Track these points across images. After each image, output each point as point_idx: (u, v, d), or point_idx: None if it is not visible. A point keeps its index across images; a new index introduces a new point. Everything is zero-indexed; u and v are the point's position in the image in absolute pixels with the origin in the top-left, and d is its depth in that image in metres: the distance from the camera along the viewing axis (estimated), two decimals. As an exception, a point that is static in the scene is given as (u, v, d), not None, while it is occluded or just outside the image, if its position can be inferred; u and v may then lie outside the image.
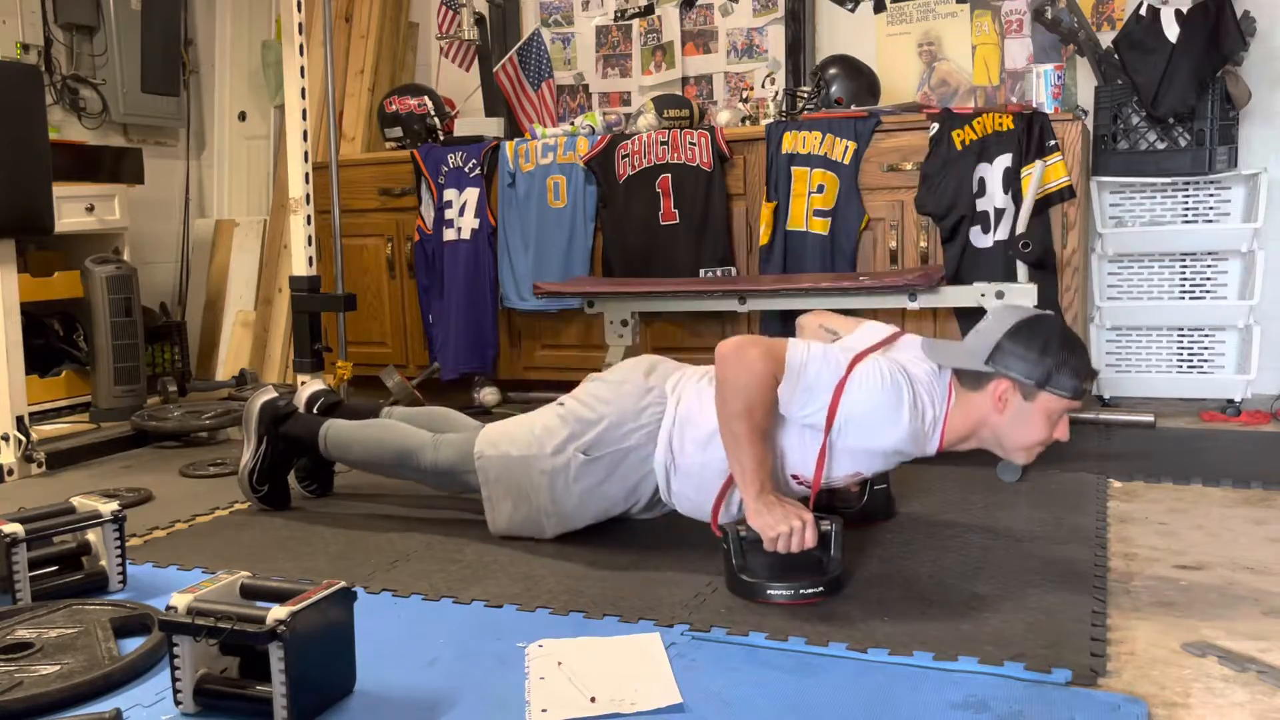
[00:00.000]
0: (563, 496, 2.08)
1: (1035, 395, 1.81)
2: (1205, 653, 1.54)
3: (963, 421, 1.88)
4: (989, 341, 1.83)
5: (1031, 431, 1.84)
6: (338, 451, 2.36)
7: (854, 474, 1.96)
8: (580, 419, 2.08)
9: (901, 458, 1.94)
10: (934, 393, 1.87)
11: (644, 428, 2.04)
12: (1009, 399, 1.83)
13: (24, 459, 2.89)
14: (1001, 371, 1.81)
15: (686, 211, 3.43)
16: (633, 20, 4.22)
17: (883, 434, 1.84)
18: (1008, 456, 1.93)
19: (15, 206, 2.78)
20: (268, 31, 4.75)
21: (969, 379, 1.86)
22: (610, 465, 2.05)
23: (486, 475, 2.15)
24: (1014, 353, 1.81)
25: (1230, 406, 3.26)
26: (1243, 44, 3.20)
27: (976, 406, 1.86)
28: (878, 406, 1.82)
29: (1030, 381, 1.80)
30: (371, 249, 3.95)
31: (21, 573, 1.81)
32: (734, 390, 1.82)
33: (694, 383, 2.06)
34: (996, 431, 1.87)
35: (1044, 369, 1.79)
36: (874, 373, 1.83)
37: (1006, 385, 1.82)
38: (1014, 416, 1.84)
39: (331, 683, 1.46)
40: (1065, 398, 1.81)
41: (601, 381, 2.15)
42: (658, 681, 1.48)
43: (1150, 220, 3.40)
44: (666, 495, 2.07)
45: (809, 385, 1.82)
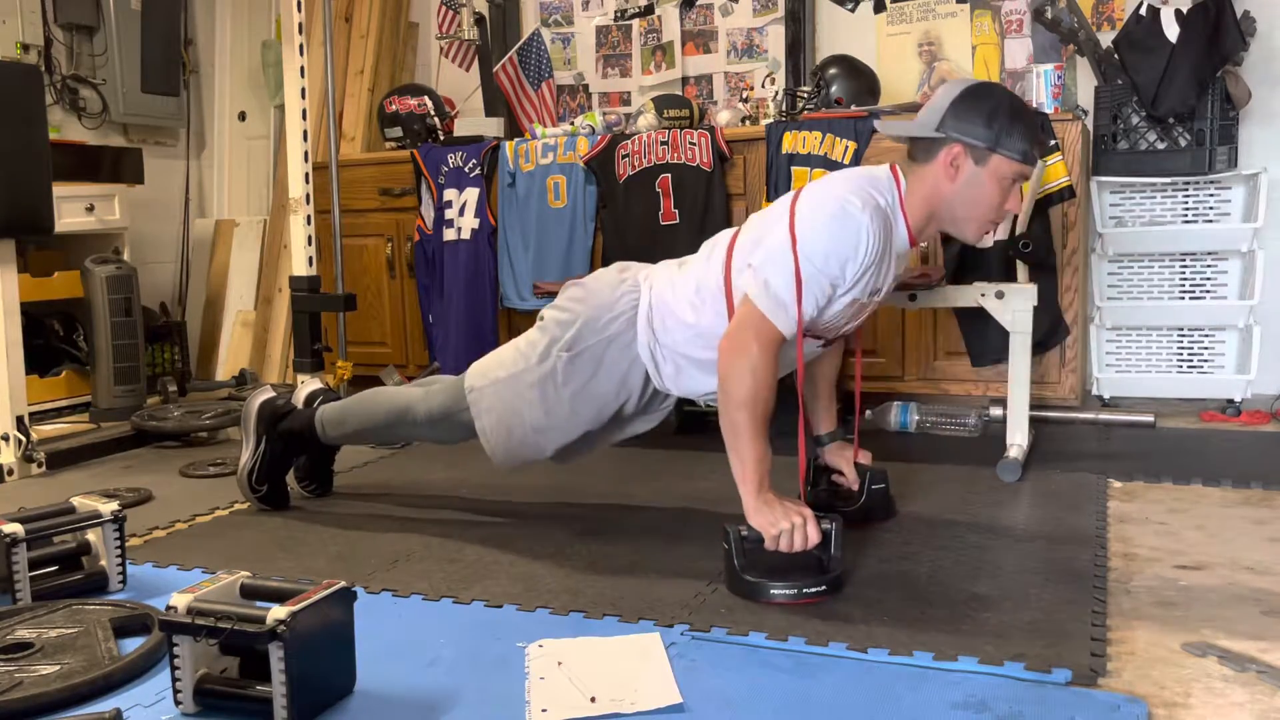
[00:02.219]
0: (554, 404, 2.06)
1: (986, 159, 1.85)
2: (1205, 653, 1.54)
3: (919, 198, 1.91)
4: (939, 109, 1.87)
5: (984, 198, 1.88)
6: (334, 429, 2.36)
7: (854, 303, 1.94)
8: (559, 322, 2.08)
9: (896, 268, 1.96)
10: (877, 186, 1.90)
11: (622, 315, 2.04)
12: (960, 164, 1.86)
13: (24, 459, 2.89)
14: (951, 136, 1.85)
15: (687, 211, 3.43)
16: (633, 20, 4.22)
17: (858, 247, 1.83)
18: (962, 233, 1.96)
19: (15, 206, 2.78)
20: (268, 31, 4.75)
21: (920, 151, 1.90)
22: (594, 358, 2.04)
23: (479, 407, 2.13)
24: (963, 117, 1.85)
25: (1230, 406, 3.26)
26: (1243, 44, 3.20)
27: (929, 178, 1.89)
28: (834, 234, 1.82)
29: (980, 144, 1.84)
30: (371, 249, 3.95)
31: (21, 573, 1.81)
32: (736, 378, 1.82)
33: (664, 270, 2.09)
34: (950, 203, 1.90)
35: (993, 131, 1.83)
36: (810, 213, 1.85)
37: (958, 150, 1.86)
38: (966, 183, 1.87)
39: (331, 683, 1.46)
40: (1016, 161, 1.85)
41: (574, 284, 2.16)
42: (658, 681, 1.48)
43: (1150, 220, 3.40)
44: (658, 379, 2.07)
45: (779, 291, 1.83)
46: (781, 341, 1.85)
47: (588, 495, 2.54)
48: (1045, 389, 3.20)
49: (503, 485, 2.57)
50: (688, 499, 2.46)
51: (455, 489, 2.62)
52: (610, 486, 2.61)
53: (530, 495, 2.52)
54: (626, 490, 2.57)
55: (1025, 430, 2.65)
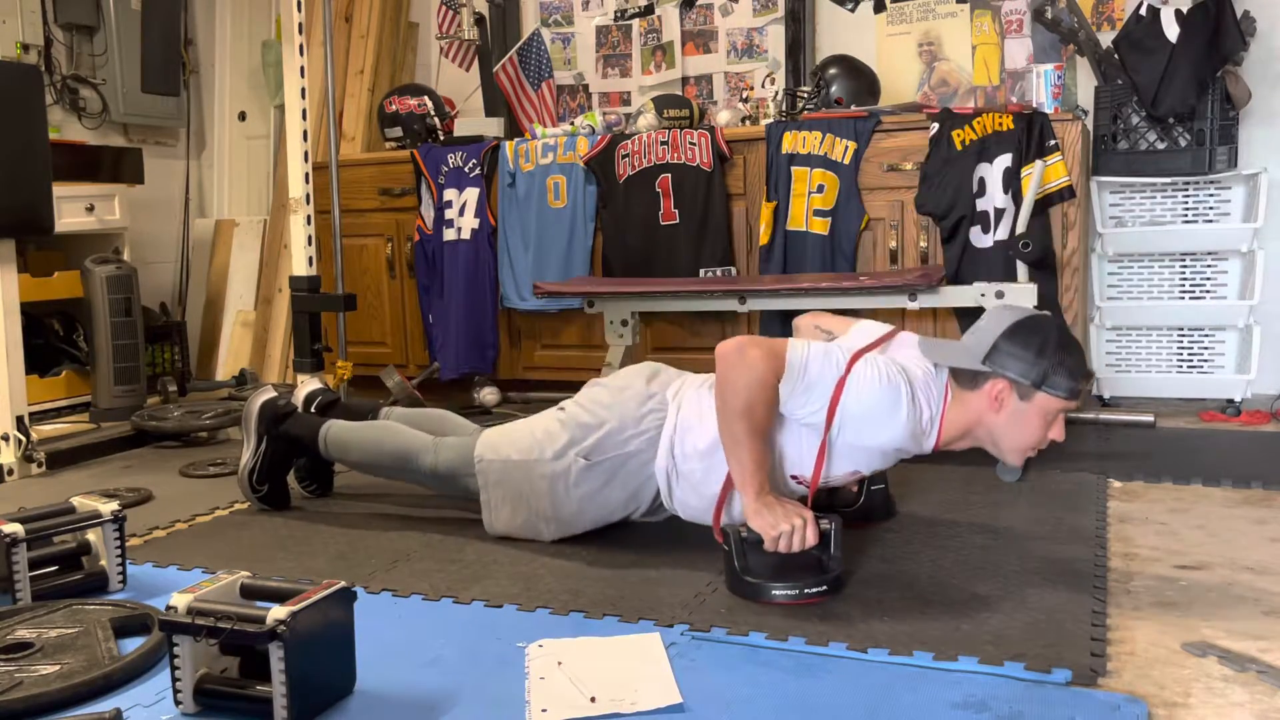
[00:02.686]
0: (562, 502, 2.08)
1: (1031, 395, 1.81)
2: (1205, 653, 1.54)
3: (959, 420, 1.88)
4: (986, 341, 1.84)
5: (1027, 432, 1.85)
6: (337, 452, 2.36)
7: (853, 472, 1.97)
8: (581, 424, 2.08)
9: (900, 455, 1.94)
10: (930, 391, 1.87)
11: (645, 434, 2.04)
12: (1005, 399, 1.83)
13: (24, 459, 2.89)
14: (998, 371, 1.82)
15: (686, 211, 3.43)
16: (633, 20, 4.22)
17: (882, 432, 1.84)
18: (1003, 457, 1.93)
19: (15, 206, 2.79)
20: (268, 31, 4.75)
21: (965, 378, 1.87)
22: (610, 471, 2.05)
23: (486, 479, 2.14)
24: (1010, 353, 1.81)
25: (1230, 406, 3.26)
26: (1243, 44, 3.20)
27: (973, 406, 1.86)
28: (877, 404, 1.82)
29: (1026, 382, 1.80)
30: (371, 249, 3.95)
31: (21, 573, 1.81)
32: (734, 389, 1.82)
33: (695, 390, 2.06)
34: (992, 431, 1.87)
35: (1040, 370, 1.80)
36: (873, 371, 1.83)
37: (1003, 385, 1.82)
38: (1010, 416, 1.84)
39: (331, 683, 1.46)
40: (1061, 398, 1.81)
41: (603, 387, 2.15)
42: (658, 681, 1.48)
43: (1150, 220, 3.40)
44: (669, 502, 2.07)
45: (810, 384, 1.82)
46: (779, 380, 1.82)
47: (588, 495, 2.54)
48: (1045, 389, 3.19)
49: (503, 485, 2.56)
50: (688, 499, 2.46)
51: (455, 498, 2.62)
52: (610, 486, 2.60)
53: (530, 495, 2.52)
54: (626, 490, 2.57)
55: (1025, 430, 2.65)
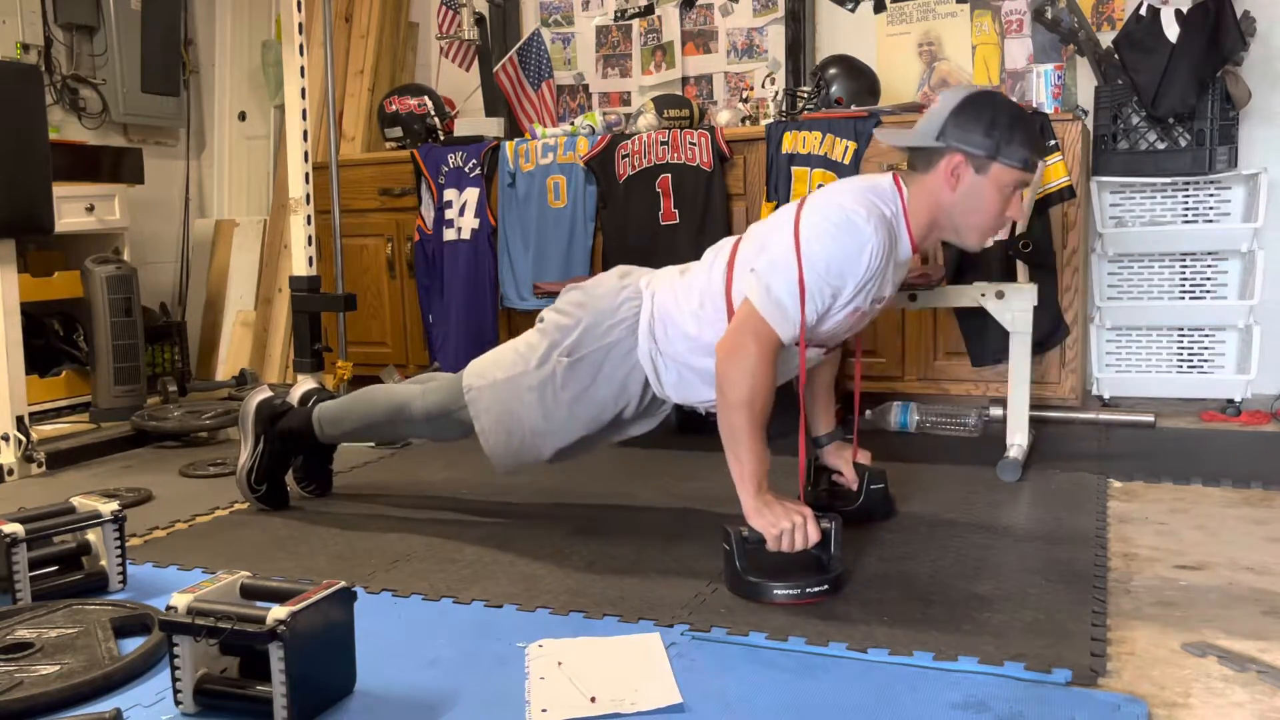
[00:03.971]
0: (553, 408, 2.06)
1: (987, 167, 1.85)
2: (1205, 653, 1.54)
3: (921, 206, 1.92)
4: (938, 119, 1.88)
5: (985, 207, 1.89)
6: (331, 427, 2.36)
7: (854, 311, 1.94)
8: (559, 326, 2.08)
9: (897, 275, 1.97)
10: (880, 195, 1.90)
11: (623, 322, 2.04)
12: (961, 173, 1.87)
13: (24, 459, 2.89)
14: (952, 145, 1.85)
15: (687, 211, 3.43)
16: (633, 20, 4.22)
17: (861, 257, 1.84)
18: (963, 241, 1.97)
19: (15, 206, 2.78)
20: (268, 31, 4.75)
21: (921, 160, 1.90)
22: (594, 365, 2.04)
23: (477, 407, 2.12)
24: (962, 125, 1.85)
25: (1230, 406, 3.26)
26: (1243, 44, 3.20)
27: (930, 188, 1.90)
28: (839, 244, 1.83)
29: (980, 153, 1.84)
30: (371, 249, 3.95)
31: (21, 573, 1.81)
32: (733, 381, 1.82)
33: (667, 279, 2.08)
34: (951, 212, 1.91)
35: (993, 139, 1.84)
36: (814, 215, 1.85)
37: (958, 159, 1.86)
38: (967, 191, 1.88)
39: (331, 683, 1.46)
40: (1016, 168, 1.85)
41: (576, 289, 2.16)
42: (658, 681, 1.48)
43: (1150, 220, 3.40)
44: (659, 388, 2.06)
45: (781, 296, 1.83)
46: (779, 346, 1.85)
47: (588, 495, 2.54)
48: (1045, 389, 3.20)
49: (502, 485, 2.57)
50: (688, 499, 2.46)
51: (455, 489, 2.62)
52: (610, 486, 2.61)
53: (530, 495, 2.52)
54: (626, 490, 2.57)
55: (1025, 430, 2.65)
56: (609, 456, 2.78)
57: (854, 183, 1.98)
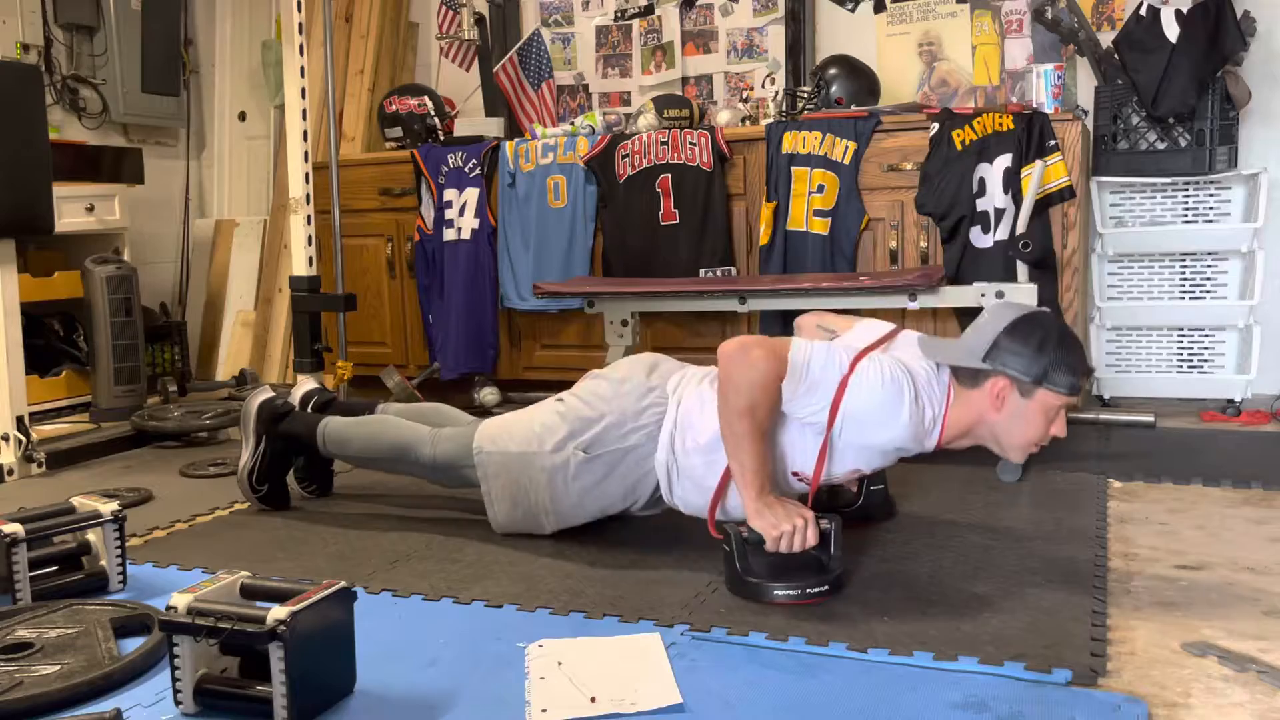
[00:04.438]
0: (561, 494, 2.08)
1: (1032, 393, 1.82)
2: (1205, 653, 1.54)
3: (961, 418, 1.88)
4: (986, 339, 1.84)
5: (1029, 429, 1.85)
6: (336, 448, 2.36)
7: (854, 470, 1.97)
8: (580, 417, 2.07)
9: (901, 454, 1.94)
10: (933, 390, 1.87)
11: (644, 428, 2.03)
12: (1006, 396, 1.83)
13: (24, 459, 2.89)
14: (999, 369, 1.82)
15: (686, 211, 3.43)
16: (633, 20, 4.22)
17: (884, 431, 1.84)
18: (1005, 454, 1.93)
19: (15, 206, 2.78)
20: (268, 31, 4.75)
21: (966, 377, 1.87)
22: (610, 464, 2.05)
23: (485, 471, 2.14)
24: (1011, 350, 1.81)
25: (1230, 406, 3.26)
26: (1243, 44, 3.20)
27: (974, 404, 1.86)
28: (880, 404, 1.82)
29: (1027, 379, 1.80)
30: (371, 249, 3.95)
31: (21, 573, 1.81)
32: (737, 388, 1.82)
33: (695, 384, 2.05)
34: (994, 429, 1.87)
35: (1040, 366, 1.80)
36: (875, 370, 1.83)
37: (1004, 383, 1.82)
38: (1011, 414, 1.84)
39: (331, 683, 1.46)
40: (1062, 394, 1.81)
41: (602, 379, 2.14)
42: (658, 681, 1.48)
43: (1150, 220, 3.40)
44: (669, 496, 2.07)
45: (813, 383, 1.82)
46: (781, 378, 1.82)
47: (588, 495, 2.54)
48: (1045, 389, 3.19)
49: (503, 485, 2.56)
50: (688, 499, 2.46)
51: (455, 489, 2.62)
52: (610, 486, 2.60)
53: (530, 495, 2.52)
54: (626, 490, 2.56)
55: (1025, 430, 2.65)
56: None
57: (918, 361, 1.92)
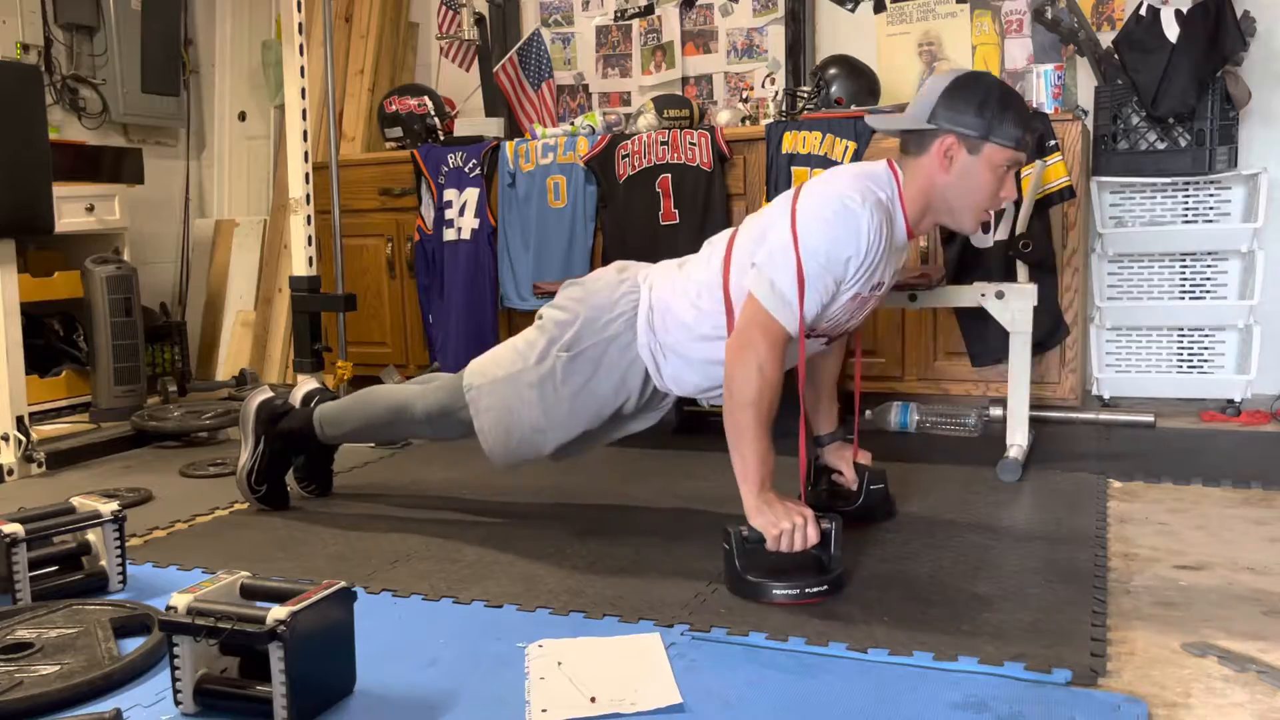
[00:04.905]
0: (553, 404, 2.06)
1: (979, 148, 1.85)
2: (1205, 653, 1.54)
3: (915, 190, 1.92)
4: (929, 101, 1.88)
5: (979, 187, 1.89)
6: (332, 428, 2.36)
7: (855, 297, 1.94)
8: (558, 322, 2.08)
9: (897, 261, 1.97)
10: (875, 180, 1.90)
11: (621, 315, 2.04)
12: (954, 154, 1.87)
13: (24, 459, 2.89)
14: (943, 127, 1.85)
15: (686, 211, 3.43)
16: (633, 20, 4.22)
17: (859, 242, 1.83)
18: (959, 224, 1.96)
19: (15, 206, 2.78)
20: (268, 31, 4.75)
21: (913, 144, 1.91)
22: (594, 359, 2.04)
23: (477, 406, 2.13)
24: (953, 106, 1.86)
25: (1230, 406, 3.26)
26: (1243, 44, 3.20)
27: (924, 170, 1.90)
28: (835, 231, 1.83)
29: (973, 134, 1.84)
30: (371, 249, 3.95)
31: (21, 573, 1.81)
32: (743, 378, 1.82)
33: (663, 270, 2.09)
34: (945, 193, 1.90)
35: (984, 119, 1.84)
36: (808, 205, 1.86)
37: (951, 140, 1.87)
38: (960, 173, 1.88)
39: (331, 683, 1.46)
40: (1009, 148, 1.85)
41: (574, 284, 2.16)
42: (658, 681, 1.48)
43: (1150, 220, 3.40)
44: (660, 380, 2.06)
45: (784, 289, 1.83)
46: (788, 339, 1.85)
47: (588, 495, 2.54)
48: (1045, 389, 3.20)
49: (503, 485, 2.57)
50: (688, 499, 2.46)
51: (455, 489, 2.62)
52: (610, 486, 2.61)
53: (530, 495, 2.52)
54: (626, 490, 2.57)
55: (1025, 430, 2.65)
56: (609, 456, 2.78)
57: (849, 169, 1.98)
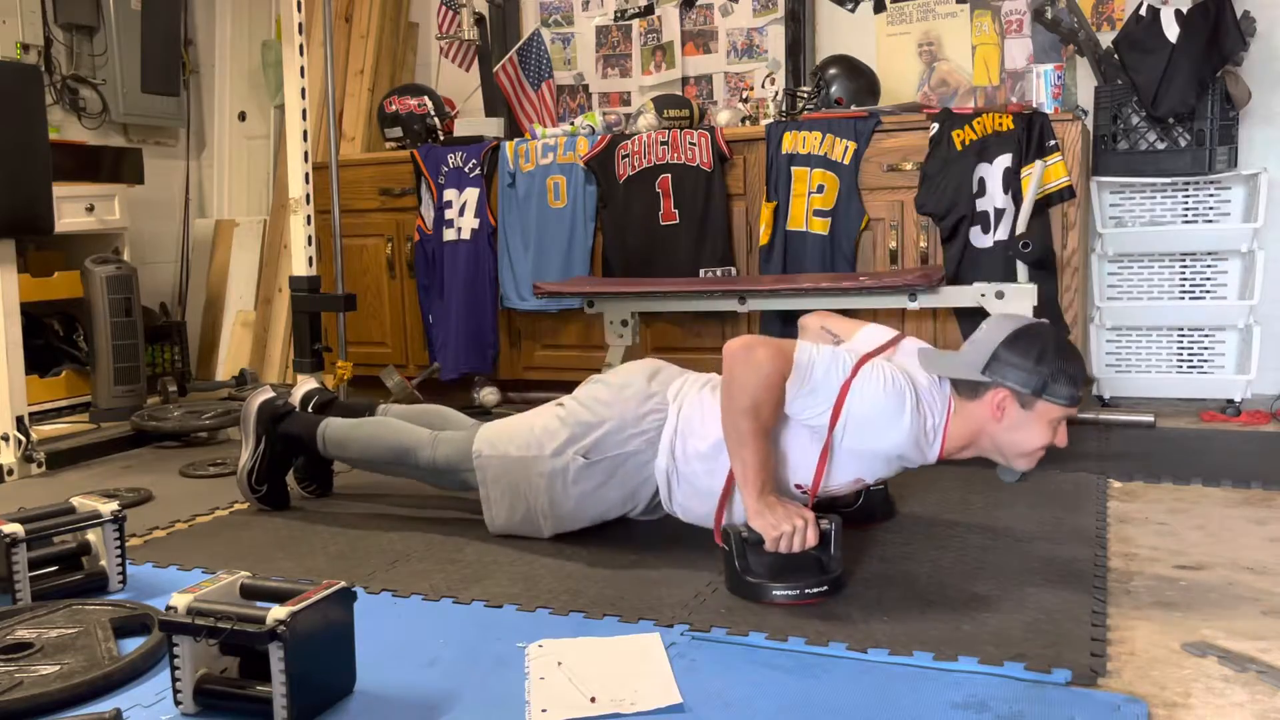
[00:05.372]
0: (560, 499, 2.08)
1: (1033, 404, 1.82)
2: (1205, 653, 1.54)
3: (962, 430, 1.89)
4: (985, 351, 1.84)
5: (1030, 439, 1.85)
6: (335, 449, 2.36)
7: (855, 479, 1.97)
8: (581, 422, 2.07)
9: (904, 464, 1.94)
10: (934, 400, 1.88)
11: (645, 434, 2.03)
12: (1006, 408, 1.83)
13: (24, 459, 2.89)
14: (998, 381, 1.82)
15: (686, 211, 3.43)
16: (633, 20, 4.22)
17: (885, 436, 1.84)
18: (1008, 464, 1.94)
19: (15, 206, 2.78)
20: (268, 31, 4.75)
21: (966, 389, 1.87)
22: (609, 470, 2.05)
23: (485, 474, 2.15)
24: (1010, 362, 1.82)
25: (1230, 406, 3.26)
26: (1243, 44, 3.20)
27: (975, 416, 1.87)
28: (882, 409, 1.82)
29: (1027, 391, 1.81)
30: (371, 249, 3.95)
31: (21, 573, 1.81)
32: (741, 387, 1.82)
33: (696, 390, 2.05)
34: (995, 440, 1.88)
35: (1040, 378, 1.80)
36: (878, 375, 1.83)
37: (1004, 394, 1.83)
38: (1012, 425, 1.85)
39: (331, 683, 1.46)
40: (1062, 405, 1.82)
41: (603, 384, 2.14)
42: (658, 681, 1.48)
43: (1150, 220, 3.40)
44: (669, 504, 2.07)
45: (816, 384, 1.82)
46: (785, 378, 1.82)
47: (588, 495, 2.53)
48: (1045, 389, 3.19)
49: (503, 485, 2.56)
50: (688, 499, 2.46)
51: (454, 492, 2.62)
52: (610, 486, 2.60)
53: (530, 495, 2.52)
54: (626, 490, 2.56)
55: (1025, 430, 2.64)
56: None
57: (920, 370, 1.93)
